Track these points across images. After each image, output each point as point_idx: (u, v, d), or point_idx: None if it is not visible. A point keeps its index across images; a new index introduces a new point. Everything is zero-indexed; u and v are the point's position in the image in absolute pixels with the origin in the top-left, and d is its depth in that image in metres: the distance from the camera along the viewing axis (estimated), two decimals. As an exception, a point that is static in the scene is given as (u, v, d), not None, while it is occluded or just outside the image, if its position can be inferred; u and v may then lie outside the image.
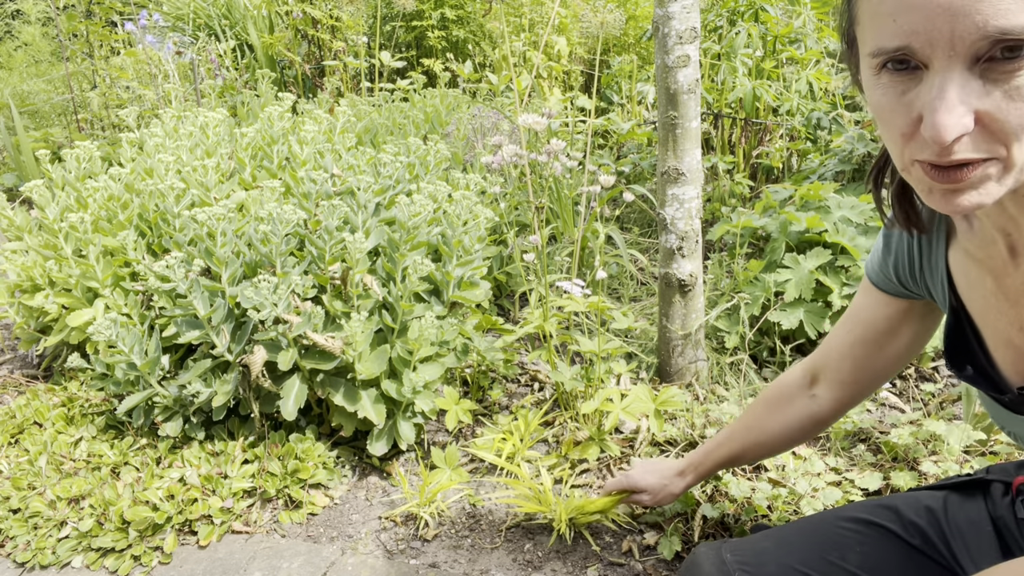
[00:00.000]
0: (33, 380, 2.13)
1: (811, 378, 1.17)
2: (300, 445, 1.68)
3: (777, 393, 1.21)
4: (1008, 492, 0.92)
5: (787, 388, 1.20)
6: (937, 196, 0.61)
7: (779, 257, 2.04)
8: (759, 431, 1.23)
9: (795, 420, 1.18)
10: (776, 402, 1.21)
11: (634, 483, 1.40)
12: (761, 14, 2.96)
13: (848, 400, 1.13)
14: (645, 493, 1.39)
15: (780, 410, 1.20)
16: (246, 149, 2.17)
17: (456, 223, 1.74)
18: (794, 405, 1.18)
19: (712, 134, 3.13)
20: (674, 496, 1.37)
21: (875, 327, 1.02)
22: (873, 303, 1.01)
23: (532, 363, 2.09)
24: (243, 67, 4.31)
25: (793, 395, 1.18)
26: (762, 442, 1.23)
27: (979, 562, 0.89)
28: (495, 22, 4.30)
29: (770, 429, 1.21)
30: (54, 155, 3.55)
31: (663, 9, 1.71)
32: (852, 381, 1.10)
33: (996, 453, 1.55)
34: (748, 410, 1.26)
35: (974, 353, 0.85)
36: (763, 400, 1.24)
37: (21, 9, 4.89)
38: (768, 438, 1.21)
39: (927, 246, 0.87)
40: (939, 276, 0.86)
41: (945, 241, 0.84)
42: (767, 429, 1.21)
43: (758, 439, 1.23)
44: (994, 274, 0.77)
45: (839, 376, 1.11)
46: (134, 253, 1.80)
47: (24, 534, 1.51)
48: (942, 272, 0.85)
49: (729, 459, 1.28)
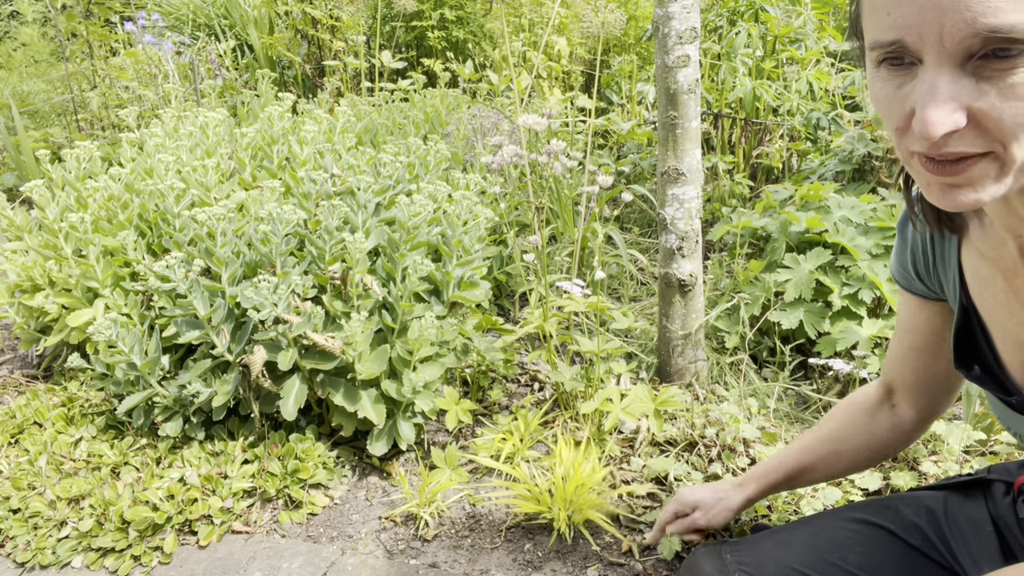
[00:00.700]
0: (33, 380, 2.13)
1: (887, 391, 1.10)
2: (300, 445, 1.68)
3: (854, 406, 1.13)
4: (1009, 492, 0.92)
5: (865, 401, 1.12)
6: (935, 191, 0.61)
7: (779, 257, 2.04)
8: (838, 441, 1.12)
9: (878, 429, 1.09)
10: (855, 412, 1.12)
11: (683, 500, 1.26)
12: (761, 14, 2.96)
13: (930, 409, 1.06)
14: (697, 510, 1.24)
15: (861, 420, 1.11)
16: (246, 149, 2.17)
17: (456, 223, 1.74)
18: (876, 416, 1.10)
19: (712, 134, 3.13)
20: (731, 511, 1.20)
21: (921, 333, 0.98)
22: (910, 309, 0.98)
23: (532, 363, 2.09)
24: (243, 67, 4.31)
25: (873, 407, 1.10)
26: (839, 452, 1.11)
27: (979, 562, 0.89)
28: (495, 22, 4.30)
29: (851, 439, 1.11)
30: (54, 155, 3.55)
31: (663, 9, 1.71)
32: (924, 391, 1.04)
33: (996, 453, 1.55)
34: (821, 423, 1.16)
35: (982, 353, 0.84)
36: (839, 411, 1.14)
37: (19, 10, 4.89)
38: (846, 449, 1.11)
39: (940, 242, 0.86)
40: (951, 273, 0.85)
41: (958, 238, 0.83)
42: (848, 440, 1.11)
43: (835, 449, 1.12)
44: (1005, 274, 0.77)
45: (909, 387, 1.05)
46: (134, 253, 1.80)
47: (24, 534, 1.51)
48: (954, 269, 0.84)
49: (800, 471, 1.15)
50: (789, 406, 1.85)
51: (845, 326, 1.86)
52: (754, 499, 1.20)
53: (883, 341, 1.87)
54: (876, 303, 1.95)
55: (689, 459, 1.65)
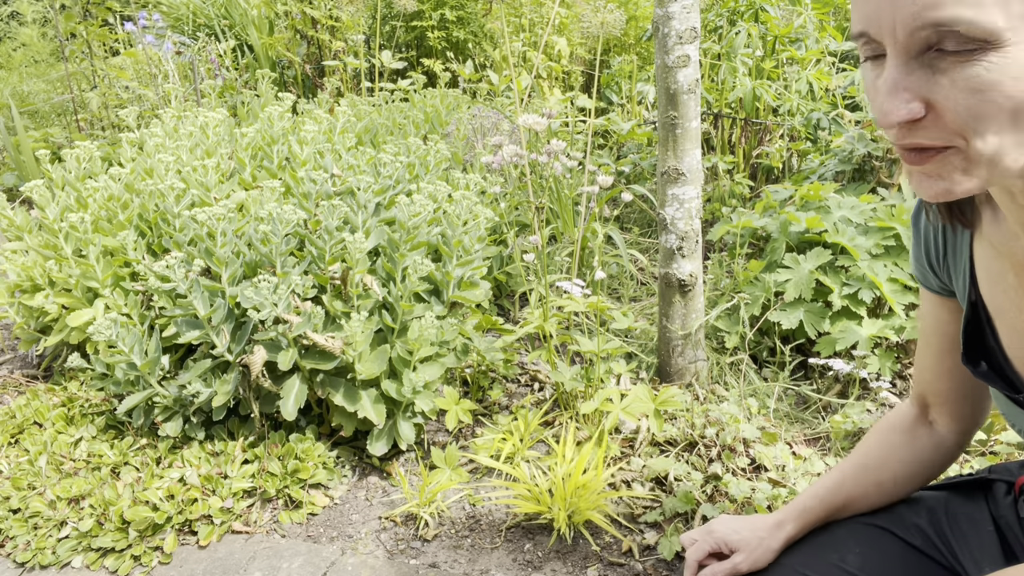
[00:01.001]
0: (33, 380, 2.13)
1: (921, 407, 1.04)
2: (300, 445, 1.68)
3: (891, 426, 1.06)
4: (1010, 492, 0.92)
5: (902, 421, 1.05)
6: (915, 179, 0.62)
7: (779, 257, 2.04)
8: (878, 470, 1.04)
9: (920, 452, 1.03)
10: (894, 435, 1.05)
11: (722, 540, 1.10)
12: (761, 14, 2.96)
13: (971, 419, 1.01)
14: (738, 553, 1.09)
15: (902, 444, 1.04)
16: (246, 149, 2.17)
17: (456, 223, 1.74)
18: (914, 436, 1.03)
19: (712, 134, 3.13)
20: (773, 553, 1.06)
21: (946, 333, 0.94)
22: (934, 309, 0.94)
23: (532, 363, 2.09)
24: (243, 67, 4.31)
25: (910, 427, 1.04)
26: (882, 481, 1.04)
27: (980, 562, 0.88)
28: (495, 22, 4.30)
29: (892, 466, 1.04)
30: (54, 155, 3.55)
31: (663, 9, 1.71)
32: (961, 399, 0.99)
33: (996, 453, 1.55)
34: (857, 450, 1.08)
35: (990, 349, 0.83)
36: (876, 435, 1.07)
37: (19, 11, 4.88)
38: (889, 477, 1.04)
39: (952, 235, 0.84)
40: (962, 266, 0.84)
41: (971, 231, 0.82)
42: (888, 466, 1.04)
43: (878, 479, 1.04)
44: (1016, 270, 0.76)
45: (944, 397, 1.00)
46: (134, 253, 1.80)
47: (24, 534, 1.51)
48: (965, 262, 0.83)
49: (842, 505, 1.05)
50: (789, 406, 1.85)
51: (845, 326, 1.86)
52: (794, 538, 1.06)
53: (883, 341, 1.87)
54: (876, 303, 1.95)
55: (689, 459, 1.65)
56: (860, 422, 1.69)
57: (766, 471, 1.57)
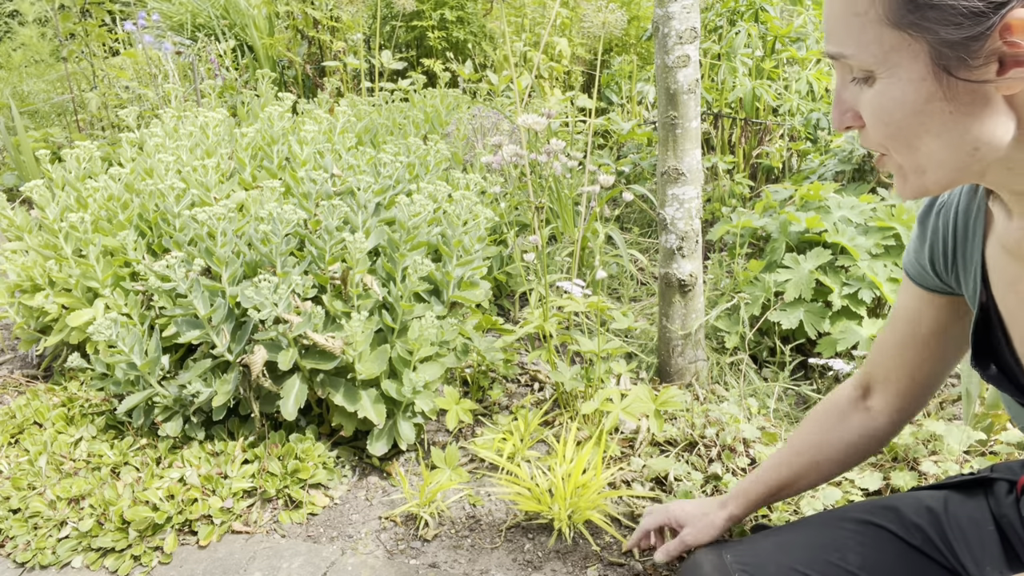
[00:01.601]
0: (33, 380, 2.13)
1: (863, 390, 1.09)
2: (300, 445, 1.68)
3: (828, 410, 1.12)
4: (1012, 491, 0.92)
5: (839, 403, 1.11)
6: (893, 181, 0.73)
7: (779, 257, 2.04)
8: (813, 452, 1.11)
9: (851, 436, 1.08)
10: (828, 419, 1.11)
11: (672, 515, 1.26)
12: (761, 14, 2.96)
13: (905, 410, 1.05)
14: (686, 527, 1.22)
15: (834, 427, 1.10)
16: (246, 149, 2.17)
17: (456, 223, 1.74)
18: (848, 421, 1.09)
19: (712, 134, 3.13)
20: (715, 529, 1.19)
21: (920, 327, 0.97)
22: (915, 302, 0.97)
23: (532, 363, 2.09)
24: (243, 67, 4.31)
25: (846, 410, 1.09)
26: (817, 462, 1.11)
27: (981, 561, 0.88)
28: (495, 22, 4.30)
29: (824, 450, 1.10)
30: (54, 155, 3.55)
31: (663, 9, 1.71)
32: (906, 389, 1.03)
33: (996, 453, 1.55)
34: (796, 433, 1.15)
35: (1001, 353, 0.83)
36: (812, 419, 1.14)
37: (19, 11, 4.88)
38: (822, 459, 1.10)
39: (963, 237, 0.84)
40: (973, 269, 0.84)
41: (983, 232, 0.82)
42: (821, 450, 1.10)
43: (813, 460, 1.11)
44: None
45: (892, 384, 1.04)
46: (134, 253, 1.80)
47: (24, 534, 1.51)
48: (977, 265, 0.83)
49: (781, 485, 1.14)
50: (789, 406, 1.85)
51: (845, 326, 1.86)
52: (737, 517, 1.19)
53: (883, 341, 1.87)
54: (876, 303, 1.95)
55: (689, 459, 1.65)
56: (860, 422, 1.69)
57: (766, 471, 1.57)
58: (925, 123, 0.64)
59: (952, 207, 0.85)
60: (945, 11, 0.58)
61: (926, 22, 0.60)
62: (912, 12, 0.60)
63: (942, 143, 0.64)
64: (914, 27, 0.60)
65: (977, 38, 0.58)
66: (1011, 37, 0.58)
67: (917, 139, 0.65)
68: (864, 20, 0.62)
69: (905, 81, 0.63)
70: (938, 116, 0.63)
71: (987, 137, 0.63)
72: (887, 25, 0.61)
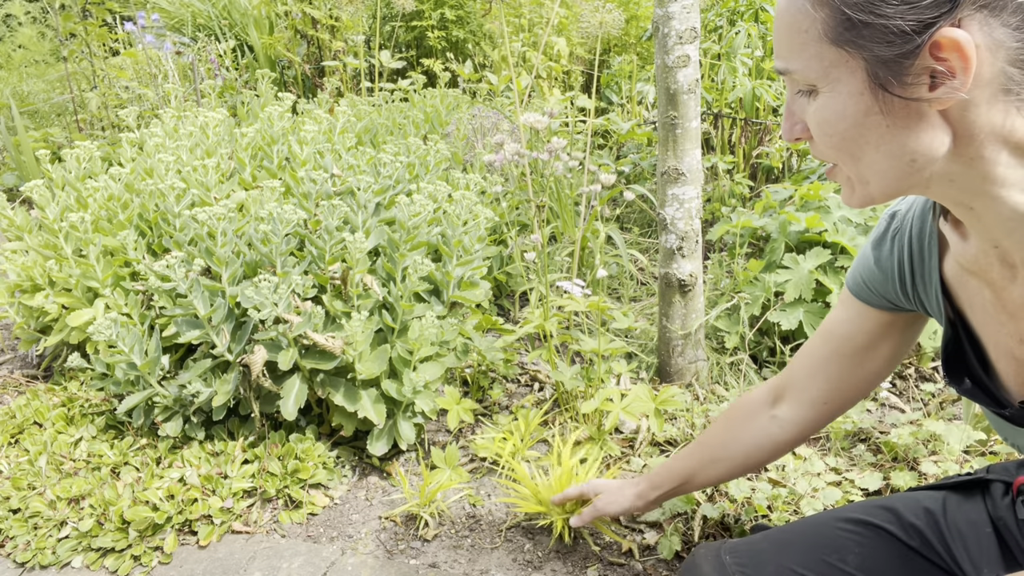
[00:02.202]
0: (33, 380, 2.13)
1: (775, 397, 1.10)
2: (300, 445, 1.68)
3: (738, 411, 1.14)
4: (1008, 492, 0.92)
5: (749, 406, 1.13)
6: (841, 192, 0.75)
7: (779, 257, 2.04)
8: (714, 450, 1.15)
9: (751, 441, 1.11)
10: (735, 420, 1.14)
11: (594, 485, 1.37)
12: (761, 14, 2.96)
13: (812, 422, 1.06)
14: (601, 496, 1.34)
15: (739, 429, 1.13)
16: (246, 149, 2.17)
17: (456, 223, 1.74)
18: (753, 424, 1.11)
19: (712, 134, 3.13)
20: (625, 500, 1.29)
21: (853, 341, 0.98)
22: (854, 316, 0.97)
23: (532, 363, 2.09)
24: (243, 67, 4.31)
25: (754, 413, 1.12)
26: (716, 460, 1.15)
27: (978, 563, 0.88)
28: (495, 22, 4.30)
29: (725, 450, 1.14)
30: (54, 155, 3.55)
31: (663, 9, 1.71)
32: (821, 400, 1.04)
33: (996, 453, 1.55)
34: (708, 429, 1.19)
35: (972, 366, 0.84)
36: (723, 417, 1.17)
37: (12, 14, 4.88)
38: (722, 457, 1.14)
39: (919, 260, 0.86)
40: (933, 290, 0.85)
41: (938, 254, 0.83)
42: (722, 449, 1.14)
43: (713, 456, 1.15)
44: (992, 287, 0.77)
45: (807, 395, 1.05)
46: (134, 253, 1.80)
47: (24, 534, 1.51)
48: (936, 285, 0.84)
49: (685, 476, 1.19)
50: (789, 406, 1.85)
51: (845, 326, 1.86)
52: (645, 495, 1.26)
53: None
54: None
55: (689, 459, 1.65)
56: (859, 422, 1.69)
57: (766, 471, 1.57)
58: (864, 135, 0.67)
59: (906, 231, 0.87)
60: (878, 30, 0.61)
61: (861, 40, 0.63)
62: (849, 30, 0.63)
63: (881, 155, 0.67)
64: (851, 44, 0.64)
65: (908, 55, 0.61)
66: (941, 54, 0.61)
67: (859, 150, 0.68)
68: (806, 37, 0.66)
69: (845, 95, 0.66)
70: (876, 129, 0.66)
71: (923, 149, 0.66)
72: (827, 42, 0.65)
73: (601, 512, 1.34)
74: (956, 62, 0.60)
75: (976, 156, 0.66)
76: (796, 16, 0.66)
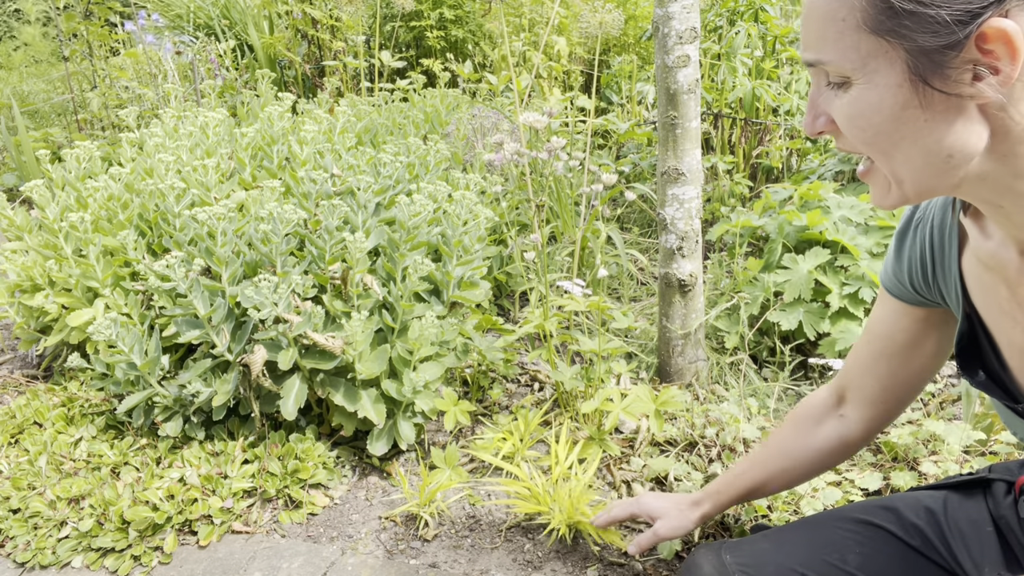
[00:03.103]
0: (33, 380, 2.13)
1: (838, 397, 1.10)
2: (300, 445, 1.68)
3: (804, 415, 1.13)
4: (1011, 491, 0.92)
5: (814, 409, 1.12)
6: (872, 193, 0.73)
7: (778, 257, 2.04)
8: (785, 456, 1.13)
9: (824, 443, 1.09)
10: (803, 424, 1.12)
11: (645, 508, 1.27)
12: (761, 14, 2.96)
13: (878, 419, 1.06)
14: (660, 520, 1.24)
15: (808, 433, 1.11)
16: (246, 149, 2.17)
17: (456, 223, 1.74)
18: (823, 427, 1.10)
19: (712, 134, 3.13)
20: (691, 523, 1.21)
21: (894, 340, 0.98)
22: (891, 314, 0.97)
23: (532, 363, 2.09)
24: (243, 67, 4.31)
25: (820, 416, 1.10)
26: (788, 468, 1.13)
27: (979, 562, 0.88)
28: (494, 22, 4.30)
29: (797, 454, 1.11)
30: (54, 155, 3.55)
31: (663, 9, 1.71)
32: (879, 399, 1.04)
33: (996, 453, 1.55)
34: (772, 435, 1.17)
35: (987, 359, 0.83)
36: (789, 423, 1.15)
37: (21, 9, 4.88)
38: (795, 463, 1.12)
39: (939, 251, 0.85)
40: (952, 282, 0.85)
41: (958, 246, 0.83)
42: (793, 454, 1.12)
43: (784, 465, 1.13)
44: (1008, 283, 0.76)
45: (865, 394, 1.05)
46: (134, 253, 1.80)
47: (24, 534, 1.51)
48: (955, 277, 0.84)
49: (753, 487, 1.16)
50: (789, 406, 1.85)
51: (845, 326, 1.86)
52: (709, 515, 1.21)
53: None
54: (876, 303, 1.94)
55: (689, 459, 1.65)
56: (860, 422, 1.69)
57: (766, 471, 1.57)
58: (900, 129, 0.64)
59: (928, 222, 0.86)
60: (923, 19, 0.59)
61: (904, 29, 0.60)
62: (890, 19, 0.60)
63: (917, 150, 0.65)
64: (892, 34, 0.61)
65: (953, 47, 0.59)
66: (987, 46, 0.59)
67: (893, 146, 0.66)
68: (843, 26, 0.63)
69: (882, 87, 0.63)
70: (913, 123, 0.64)
71: (960, 145, 0.64)
72: (866, 32, 0.62)
73: (662, 538, 1.24)
74: (1003, 53, 0.58)
75: (1010, 153, 0.64)
76: (832, 4, 0.63)
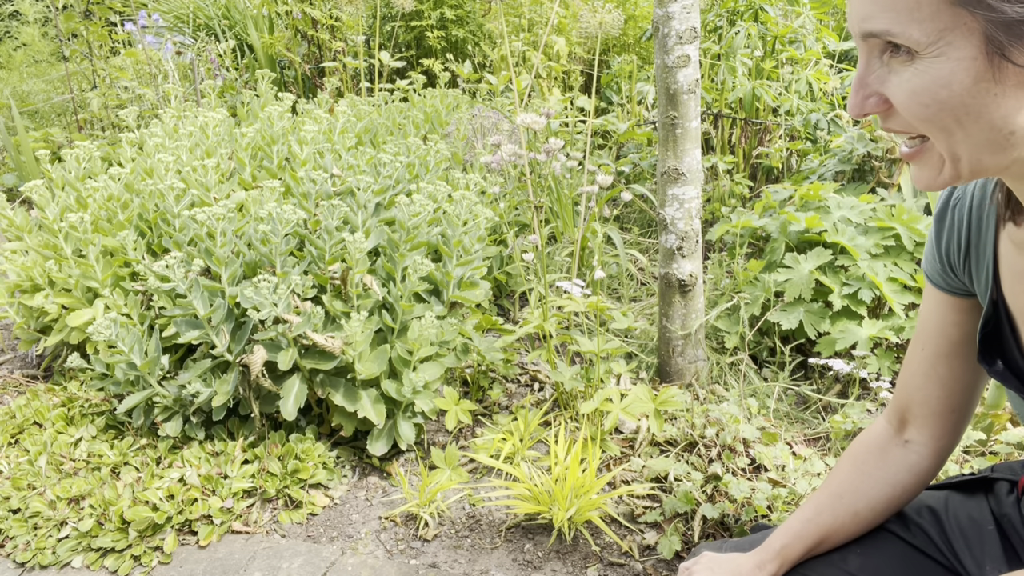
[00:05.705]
0: (33, 380, 2.13)
1: (899, 421, 1.00)
2: (300, 445, 1.68)
3: (863, 451, 1.01)
4: (1013, 490, 0.92)
5: (874, 441, 1.01)
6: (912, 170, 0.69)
7: (779, 257, 2.04)
8: (853, 498, 0.99)
9: (893, 477, 0.98)
10: (865, 460, 1.01)
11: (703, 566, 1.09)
12: (761, 14, 2.96)
13: (948, 435, 0.97)
14: None
15: (871, 468, 1.00)
16: (246, 149, 2.17)
17: (456, 223, 1.74)
18: (887, 459, 0.99)
19: (712, 134, 3.13)
20: None
21: (950, 337, 0.92)
22: (935, 307, 0.92)
23: (532, 363, 2.09)
24: (243, 67, 4.31)
25: (883, 447, 1.00)
26: (858, 511, 0.99)
27: (982, 562, 0.88)
28: (494, 22, 4.30)
29: (866, 493, 0.99)
30: (54, 155, 3.55)
31: (663, 9, 1.71)
32: (947, 408, 0.95)
33: (996, 453, 1.55)
34: (831, 476, 1.04)
35: (1008, 348, 0.82)
36: (848, 461, 1.03)
37: (19, 10, 4.88)
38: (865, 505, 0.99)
39: (976, 232, 0.83)
40: (985, 264, 0.83)
41: (995, 227, 0.81)
42: (863, 494, 0.99)
43: (853, 508, 0.99)
44: None
45: (931, 407, 0.95)
46: (134, 253, 1.80)
47: (24, 534, 1.51)
48: (989, 259, 0.82)
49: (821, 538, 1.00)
50: (789, 406, 1.85)
51: (845, 326, 1.86)
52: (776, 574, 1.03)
53: (883, 341, 1.87)
54: (876, 303, 1.95)
55: (689, 459, 1.65)
56: (860, 422, 1.69)
57: (766, 471, 1.57)
58: (967, 104, 0.62)
59: (966, 201, 0.84)
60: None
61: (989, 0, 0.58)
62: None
63: (981, 126, 0.63)
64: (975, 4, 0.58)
65: None
66: None
67: (956, 121, 0.63)
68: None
69: (955, 61, 0.61)
70: (982, 98, 0.61)
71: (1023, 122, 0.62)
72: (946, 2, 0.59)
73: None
74: None
75: None
76: None
